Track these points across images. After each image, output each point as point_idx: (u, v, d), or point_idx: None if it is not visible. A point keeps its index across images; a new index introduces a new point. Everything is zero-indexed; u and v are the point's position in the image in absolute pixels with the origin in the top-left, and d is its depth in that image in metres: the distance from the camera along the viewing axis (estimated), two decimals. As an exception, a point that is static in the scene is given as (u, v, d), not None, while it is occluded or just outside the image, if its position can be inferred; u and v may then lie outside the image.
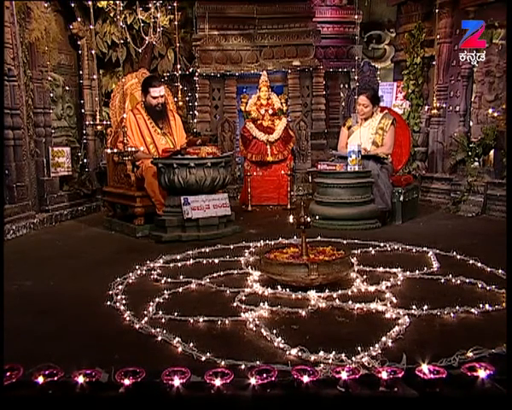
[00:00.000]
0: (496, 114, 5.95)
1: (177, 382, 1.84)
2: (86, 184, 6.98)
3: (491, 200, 5.90)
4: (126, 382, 1.83)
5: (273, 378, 1.78)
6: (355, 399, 1.67)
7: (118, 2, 6.18)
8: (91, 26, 6.16)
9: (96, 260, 4.33)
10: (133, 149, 5.08)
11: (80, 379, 1.90)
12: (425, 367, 1.83)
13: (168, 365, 2.21)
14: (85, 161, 7.16)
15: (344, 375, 1.84)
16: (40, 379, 1.91)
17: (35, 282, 3.69)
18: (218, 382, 1.82)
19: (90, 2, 5.95)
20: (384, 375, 1.81)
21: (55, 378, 1.91)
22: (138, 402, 1.72)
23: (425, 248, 4.25)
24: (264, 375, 1.80)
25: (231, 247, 4.56)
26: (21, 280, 3.68)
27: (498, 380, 1.73)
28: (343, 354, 2.22)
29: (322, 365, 2.13)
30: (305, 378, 1.82)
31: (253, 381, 1.81)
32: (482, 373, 1.83)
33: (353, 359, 2.18)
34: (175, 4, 6.96)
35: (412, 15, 7.52)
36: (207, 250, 4.48)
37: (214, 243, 4.67)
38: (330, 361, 2.18)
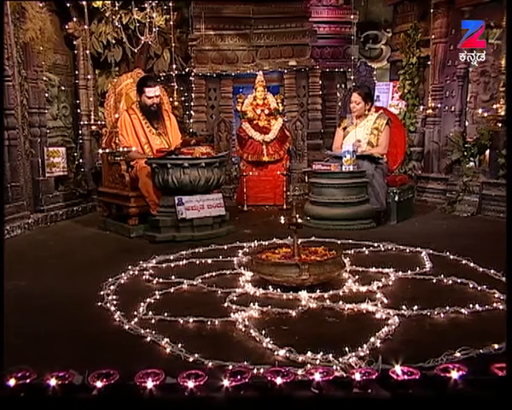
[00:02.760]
0: (486, 114, 5.93)
1: (150, 384, 1.84)
2: (82, 185, 6.98)
3: (487, 200, 5.89)
4: (99, 384, 1.83)
5: (247, 380, 1.78)
6: (328, 400, 1.66)
7: (112, 1, 6.17)
8: (86, 27, 6.15)
9: (89, 261, 4.32)
10: (125, 149, 5.07)
11: (52, 382, 1.88)
12: (398, 369, 1.83)
13: (156, 366, 2.21)
14: (81, 161, 7.14)
15: (317, 376, 1.85)
16: (12, 382, 1.89)
17: (28, 282, 3.69)
18: (190, 384, 1.82)
19: (84, 2, 5.93)
20: (357, 376, 1.81)
21: (28, 381, 1.88)
22: (111, 405, 1.71)
23: (418, 249, 4.25)
24: (239, 376, 1.80)
25: (225, 247, 4.55)
26: (15, 280, 3.67)
27: (471, 381, 1.74)
28: (330, 355, 2.22)
29: (309, 365, 2.13)
30: (279, 380, 1.83)
31: (226, 383, 1.82)
32: (455, 374, 1.84)
33: (340, 359, 2.18)
34: (170, 4, 6.97)
35: (408, 15, 7.51)
36: (201, 250, 4.48)
37: (208, 244, 4.66)
38: (318, 362, 2.19)
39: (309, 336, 2.58)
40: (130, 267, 3.91)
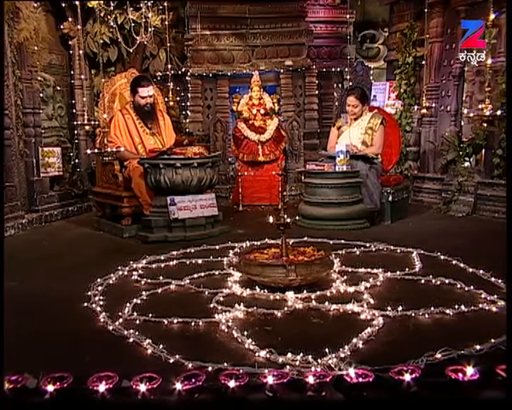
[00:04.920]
0: (472, 114, 5.92)
1: (102, 387, 1.83)
2: (77, 185, 6.97)
3: (482, 200, 5.87)
4: (50, 388, 1.82)
5: (201, 383, 1.77)
6: (282, 403, 1.65)
7: (107, 1, 6.16)
8: (79, 26, 6.14)
9: (80, 261, 4.31)
10: (114, 149, 5.07)
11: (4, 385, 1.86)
12: (352, 371, 1.83)
13: (137, 367, 2.21)
14: (77, 161, 7.14)
15: (270, 379, 1.85)
16: None
17: (18, 282, 3.66)
18: (143, 387, 1.81)
19: (77, 2, 5.93)
20: (311, 379, 1.81)
21: None
22: (61, 409, 1.69)
23: (410, 249, 4.23)
24: (193, 380, 1.78)
25: (217, 247, 4.55)
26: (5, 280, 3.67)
27: (424, 383, 1.73)
28: (310, 356, 2.21)
29: (288, 367, 2.13)
30: (232, 383, 1.83)
31: (178, 386, 1.81)
32: (408, 377, 1.84)
33: (319, 361, 2.17)
34: (166, 4, 6.96)
35: (404, 15, 7.49)
36: (192, 251, 4.47)
37: (200, 244, 4.65)
38: (297, 363, 2.18)
39: (292, 337, 2.57)
40: (120, 268, 3.89)
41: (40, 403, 1.69)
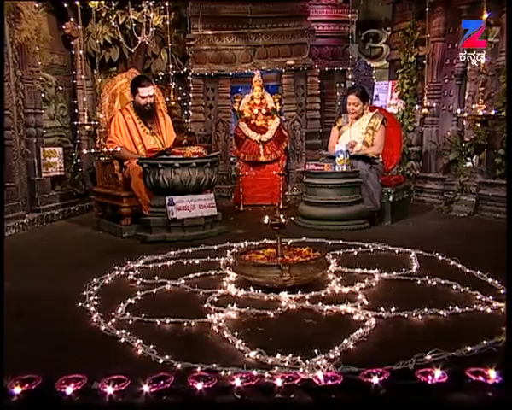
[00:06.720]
0: (465, 115, 5.88)
1: (69, 390, 1.82)
2: (79, 184, 6.98)
3: (483, 200, 5.84)
4: (17, 390, 1.81)
5: (168, 385, 1.76)
6: (250, 406, 1.64)
7: (108, 1, 6.17)
8: (79, 26, 6.16)
9: (78, 261, 4.31)
10: (110, 149, 5.07)
11: None
12: (320, 374, 1.82)
13: (126, 367, 2.21)
14: (79, 161, 7.14)
15: (238, 382, 1.84)
16: None
17: (14, 282, 3.64)
18: (110, 389, 1.81)
19: (77, 3, 5.94)
20: (278, 382, 1.81)
21: None
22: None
23: (408, 249, 4.20)
24: (162, 382, 1.78)
25: (215, 247, 4.53)
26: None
27: (394, 386, 1.72)
28: (299, 357, 2.20)
29: (276, 368, 2.12)
30: (199, 386, 1.82)
31: (146, 388, 1.80)
32: (376, 379, 1.83)
33: (307, 362, 2.16)
34: (167, 4, 6.97)
35: (406, 14, 7.45)
36: (190, 251, 4.46)
37: (199, 244, 4.64)
38: (286, 364, 2.17)
39: (283, 337, 2.56)
40: (116, 268, 3.89)
41: (7, 406, 1.68)
